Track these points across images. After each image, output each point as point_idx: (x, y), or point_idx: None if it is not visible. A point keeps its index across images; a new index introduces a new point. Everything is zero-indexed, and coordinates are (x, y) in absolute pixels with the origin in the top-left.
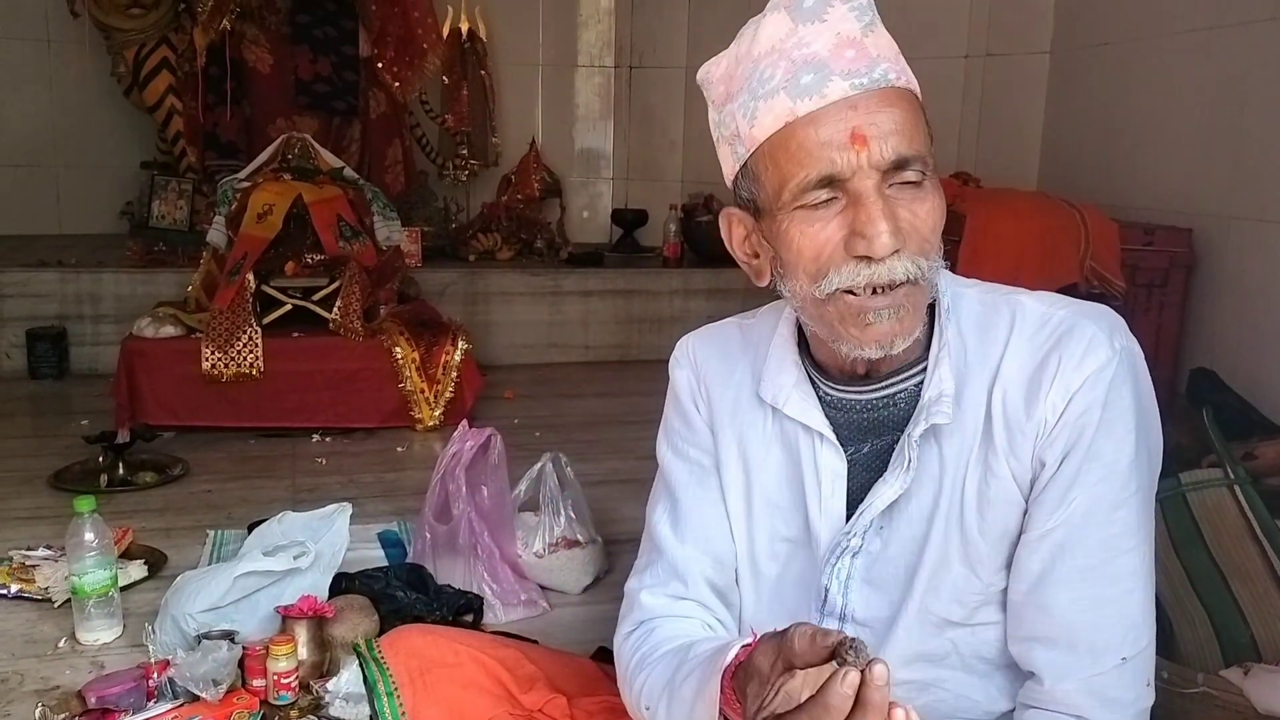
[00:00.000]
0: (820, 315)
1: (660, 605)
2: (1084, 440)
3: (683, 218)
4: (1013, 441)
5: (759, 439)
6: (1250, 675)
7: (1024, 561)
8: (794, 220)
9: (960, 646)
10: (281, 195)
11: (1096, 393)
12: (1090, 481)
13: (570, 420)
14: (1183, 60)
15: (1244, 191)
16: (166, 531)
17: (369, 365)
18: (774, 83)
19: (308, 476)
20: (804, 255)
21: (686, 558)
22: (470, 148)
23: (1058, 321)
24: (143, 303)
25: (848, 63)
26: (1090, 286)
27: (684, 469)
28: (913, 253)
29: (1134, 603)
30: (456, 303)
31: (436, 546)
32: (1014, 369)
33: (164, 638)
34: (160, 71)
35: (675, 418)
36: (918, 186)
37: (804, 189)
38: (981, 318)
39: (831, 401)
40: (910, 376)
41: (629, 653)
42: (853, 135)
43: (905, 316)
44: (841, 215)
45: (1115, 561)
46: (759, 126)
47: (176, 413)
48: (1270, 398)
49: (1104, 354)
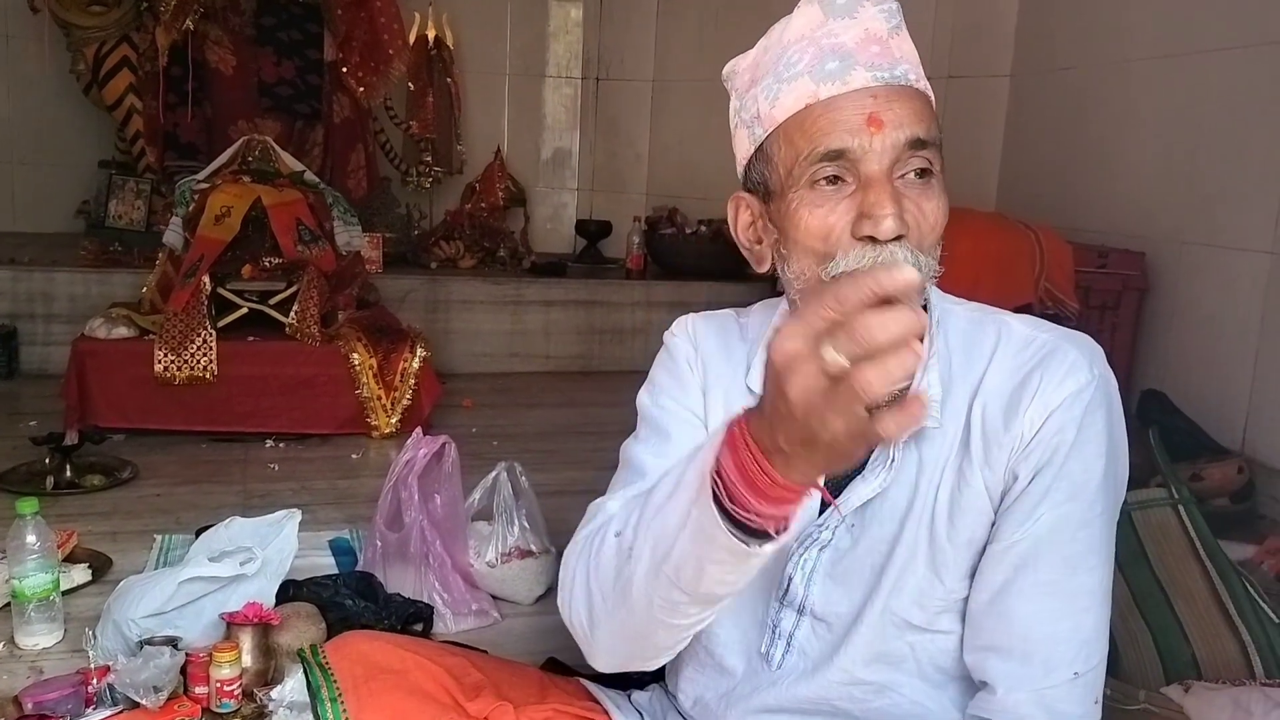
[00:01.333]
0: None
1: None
2: (1056, 458)
3: (646, 230)
4: (988, 453)
5: None
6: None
7: (987, 571)
8: (803, 200)
9: (918, 651)
10: (240, 197)
11: (1073, 413)
12: (1059, 499)
13: (529, 430)
14: (1140, 87)
15: (1197, 216)
16: (113, 535)
17: (325, 371)
18: (799, 67)
19: (260, 482)
20: (811, 234)
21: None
22: (434, 154)
23: (1041, 343)
24: (96, 303)
25: (872, 56)
26: (1044, 307)
27: (673, 418)
28: (914, 245)
29: (1090, 620)
30: (417, 310)
31: (387, 555)
32: (996, 383)
33: (105, 643)
34: (121, 70)
35: (667, 378)
36: (926, 183)
37: (814, 161)
38: (968, 333)
39: None
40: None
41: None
42: (870, 118)
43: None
44: (850, 199)
45: (1076, 578)
46: (779, 107)
47: (127, 415)
48: (1218, 420)
49: (1083, 377)
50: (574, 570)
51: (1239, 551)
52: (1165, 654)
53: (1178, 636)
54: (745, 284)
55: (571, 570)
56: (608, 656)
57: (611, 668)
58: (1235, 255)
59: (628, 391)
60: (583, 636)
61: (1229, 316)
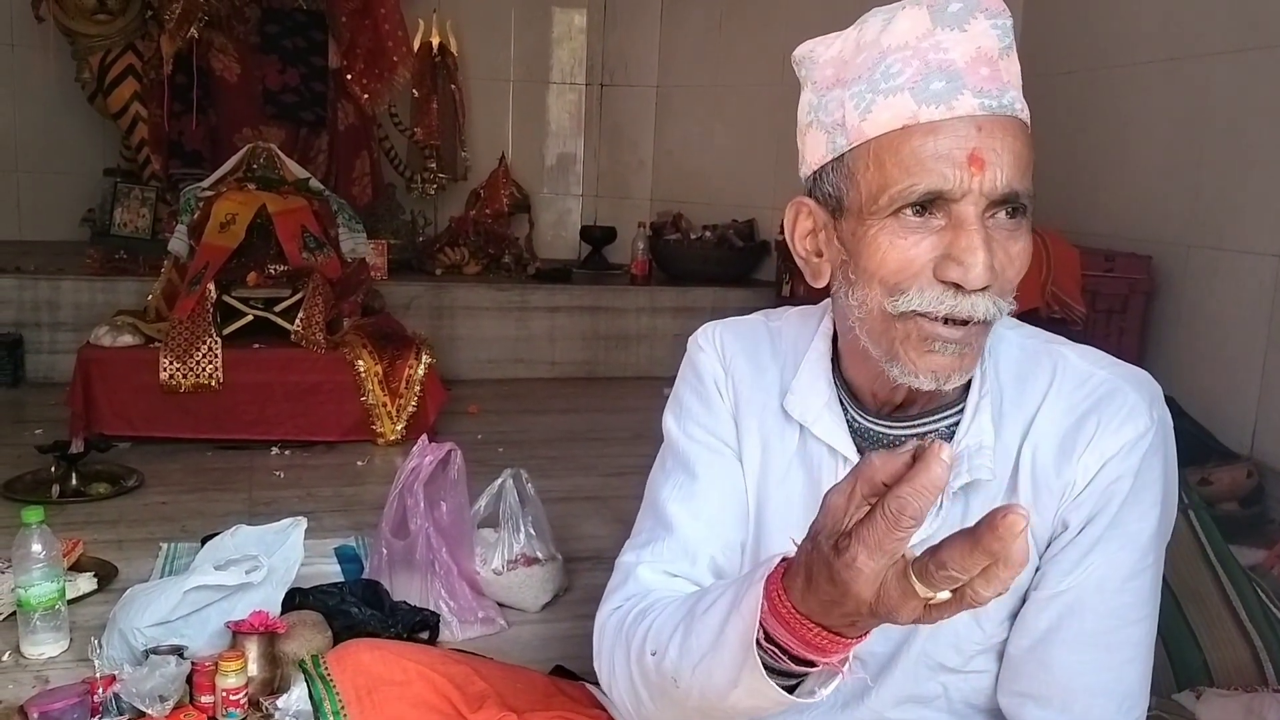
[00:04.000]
0: (884, 331)
1: (659, 581)
2: (1110, 508)
3: (651, 235)
4: (1037, 498)
5: (781, 454)
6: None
7: (1030, 617)
8: (885, 229)
9: (951, 691)
10: (245, 205)
11: (1130, 462)
12: (1110, 549)
13: (534, 436)
14: (1145, 90)
15: (1203, 220)
16: (119, 544)
17: (330, 378)
18: (900, 80)
19: (265, 490)
20: (887, 266)
21: (699, 537)
22: (439, 161)
23: (1098, 382)
24: (102, 311)
25: (981, 80)
26: (1051, 312)
27: (702, 449)
28: (995, 293)
29: (1133, 673)
30: (422, 316)
31: (393, 562)
32: (1048, 425)
33: (111, 652)
34: (125, 78)
35: (695, 400)
36: (1017, 223)
37: (906, 200)
38: (1021, 365)
39: (859, 429)
40: (945, 417)
41: (620, 617)
42: (971, 156)
43: (968, 355)
44: (938, 235)
45: (1122, 630)
46: (872, 122)
47: (133, 423)
48: (1226, 424)
49: (1142, 423)
50: (612, 657)
51: (1249, 556)
52: (1177, 661)
53: (1189, 643)
54: (750, 289)
55: (609, 655)
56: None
57: None
58: (1242, 258)
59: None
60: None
61: (1236, 320)
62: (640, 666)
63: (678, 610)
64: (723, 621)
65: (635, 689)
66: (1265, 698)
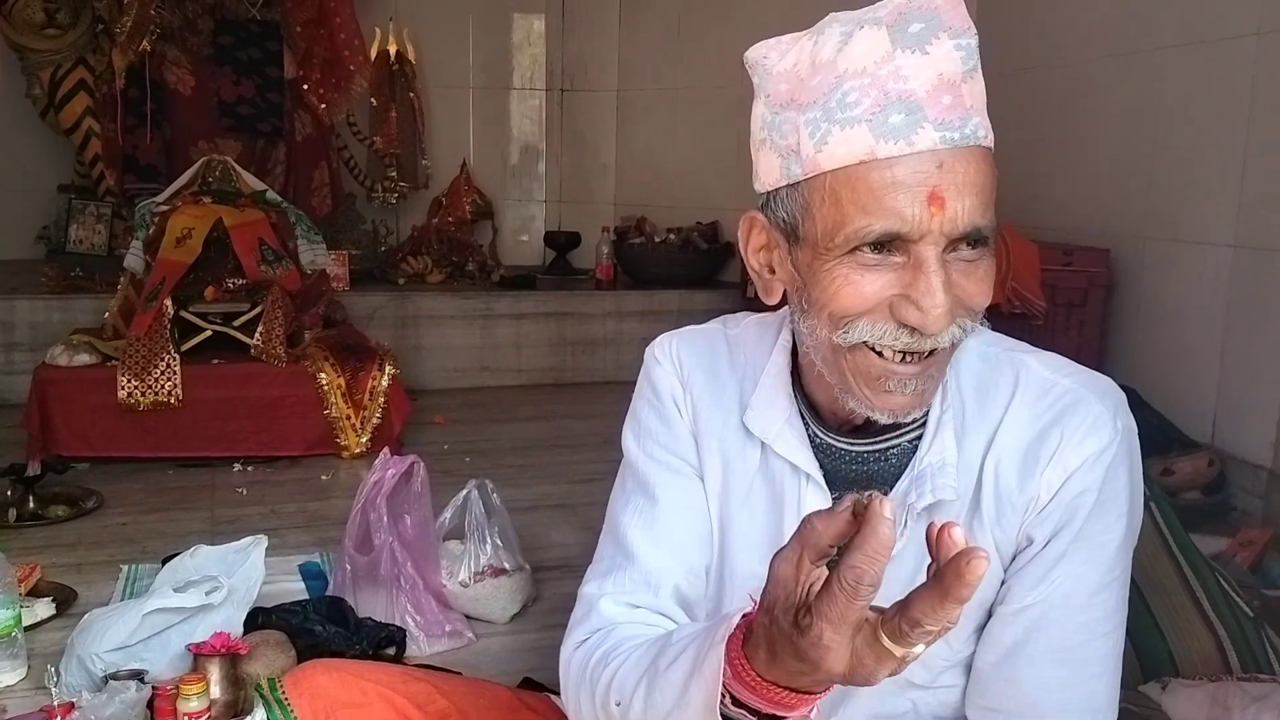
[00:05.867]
0: (835, 362)
1: (621, 614)
2: (1075, 522)
3: (615, 240)
4: (1001, 513)
5: (743, 472)
6: (1168, 691)
7: (996, 632)
8: (841, 264)
9: (920, 707)
10: (201, 219)
11: (1094, 475)
12: (1076, 563)
13: (501, 445)
14: (1098, 85)
15: (1158, 212)
16: (78, 567)
17: (292, 392)
18: (857, 110)
19: (228, 507)
20: (838, 302)
21: (660, 566)
22: (399, 170)
23: (1061, 391)
24: (58, 330)
25: (943, 110)
26: (1011, 307)
27: (661, 470)
28: (961, 317)
29: (1102, 687)
30: (386, 326)
31: (357, 578)
32: (1011, 438)
33: (69, 679)
34: (77, 93)
35: (653, 418)
36: (978, 255)
37: (863, 239)
38: (982, 376)
39: (820, 445)
40: (907, 432)
41: (584, 655)
42: (931, 195)
43: (927, 388)
44: (896, 274)
45: (1090, 645)
46: (828, 154)
47: (91, 443)
48: (1186, 414)
49: (1106, 435)
50: (578, 697)
51: (1212, 545)
52: (1142, 652)
53: (1154, 634)
54: (715, 291)
55: (575, 695)
56: None
57: None
58: (1198, 249)
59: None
60: None
61: (1194, 310)
62: (605, 713)
63: (641, 660)
64: (685, 680)
65: None
66: (1229, 686)
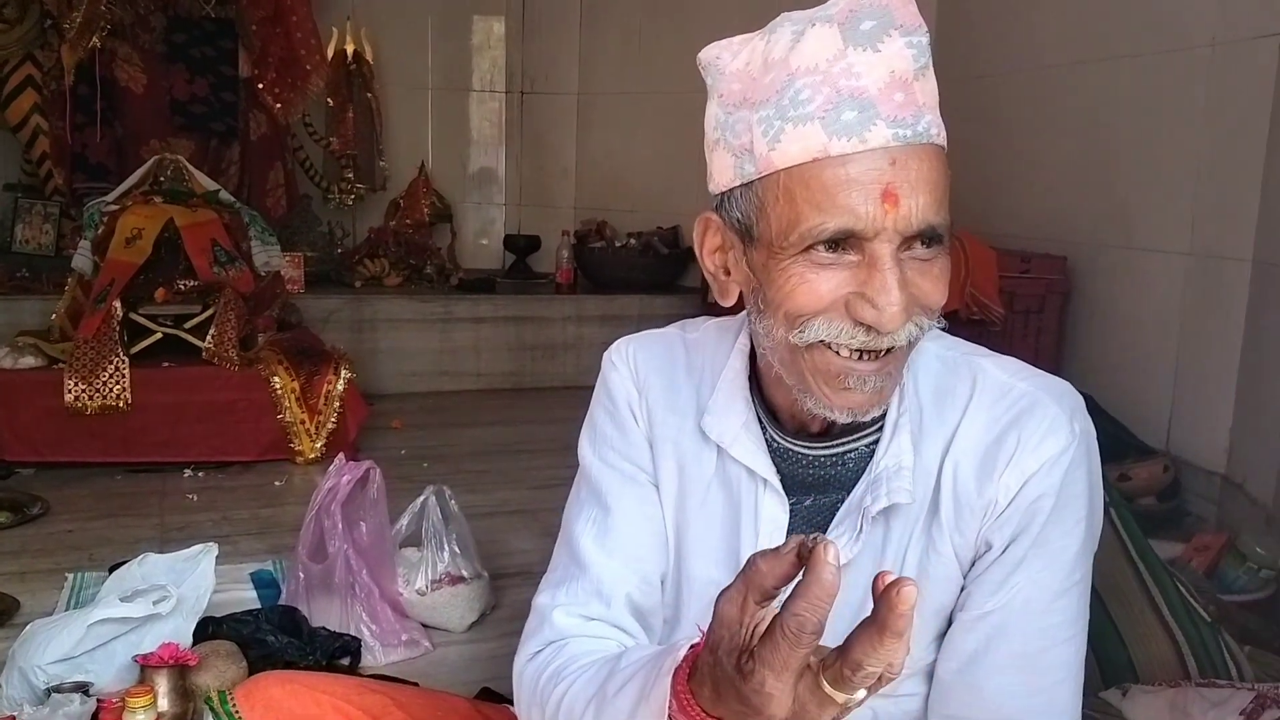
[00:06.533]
0: (793, 362)
1: (574, 625)
2: (1034, 526)
3: (575, 244)
4: (959, 518)
5: (699, 477)
6: (1128, 697)
7: (957, 640)
8: (796, 263)
9: (881, 716)
10: (152, 219)
11: (1052, 479)
12: (1035, 568)
13: (460, 450)
14: (1055, 93)
15: (1115, 220)
16: (21, 575)
17: (245, 396)
18: (810, 108)
19: (178, 514)
20: (794, 301)
21: (612, 576)
22: (356, 171)
23: (1018, 395)
24: (3, 331)
25: (895, 108)
26: (970, 313)
27: (615, 477)
28: (917, 316)
29: (1064, 693)
30: (342, 330)
31: (311, 587)
32: (969, 442)
33: (10, 692)
34: (24, 89)
35: (609, 425)
36: (934, 254)
37: (817, 238)
38: (940, 379)
39: (778, 449)
40: (864, 436)
41: (535, 670)
42: (885, 192)
43: (886, 386)
44: (851, 272)
45: (1052, 651)
46: (781, 153)
47: (37, 448)
48: (1142, 420)
49: (1063, 438)
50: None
51: (1168, 550)
52: (1103, 658)
53: (1114, 640)
54: (676, 295)
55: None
56: None
57: None
58: (1153, 257)
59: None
60: None
61: (1149, 317)
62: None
63: (590, 683)
64: (632, 709)
65: None
66: (1189, 692)
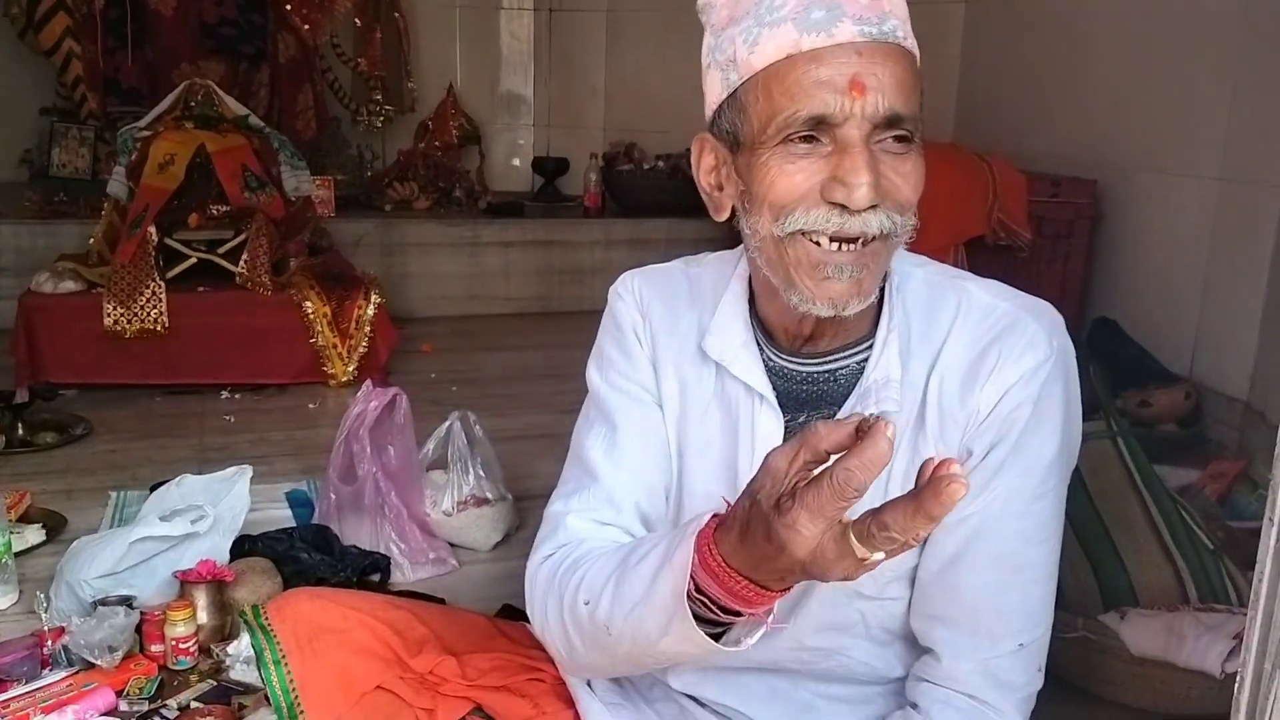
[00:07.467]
0: (778, 257)
1: (587, 529)
2: (1012, 434)
3: (604, 167)
4: (943, 428)
5: (700, 394)
6: (1126, 620)
7: (939, 543)
8: (774, 156)
9: (868, 618)
10: (183, 144)
11: (1030, 390)
12: (1012, 474)
13: (489, 374)
14: (1093, 13)
15: (1149, 144)
16: (68, 494)
17: (279, 320)
18: (783, 11)
19: (216, 435)
20: (775, 191)
21: (623, 485)
22: (384, 92)
23: (1001, 314)
24: (44, 255)
25: (861, 9)
26: (997, 238)
27: (622, 399)
28: (890, 209)
29: (1037, 593)
30: (372, 254)
31: (342, 507)
32: (954, 356)
33: (59, 605)
34: (57, 13)
35: (615, 350)
36: (905, 150)
37: (791, 126)
38: (927, 300)
39: (774, 368)
40: (856, 353)
41: (551, 567)
42: (852, 81)
43: (865, 278)
44: (825, 160)
45: (1026, 552)
46: (758, 54)
47: (79, 370)
48: (1167, 347)
49: (1042, 352)
50: (544, 605)
51: (1183, 476)
52: (1104, 584)
53: (1116, 566)
54: (705, 220)
55: (541, 604)
56: (589, 674)
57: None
58: (1184, 181)
59: (588, 333)
60: (561, 660)
61: (1178, 243)
62: (573, 615)
63: (610, 561)
64: (654, 573)
65: (568, 636)
66: (1185, 616)
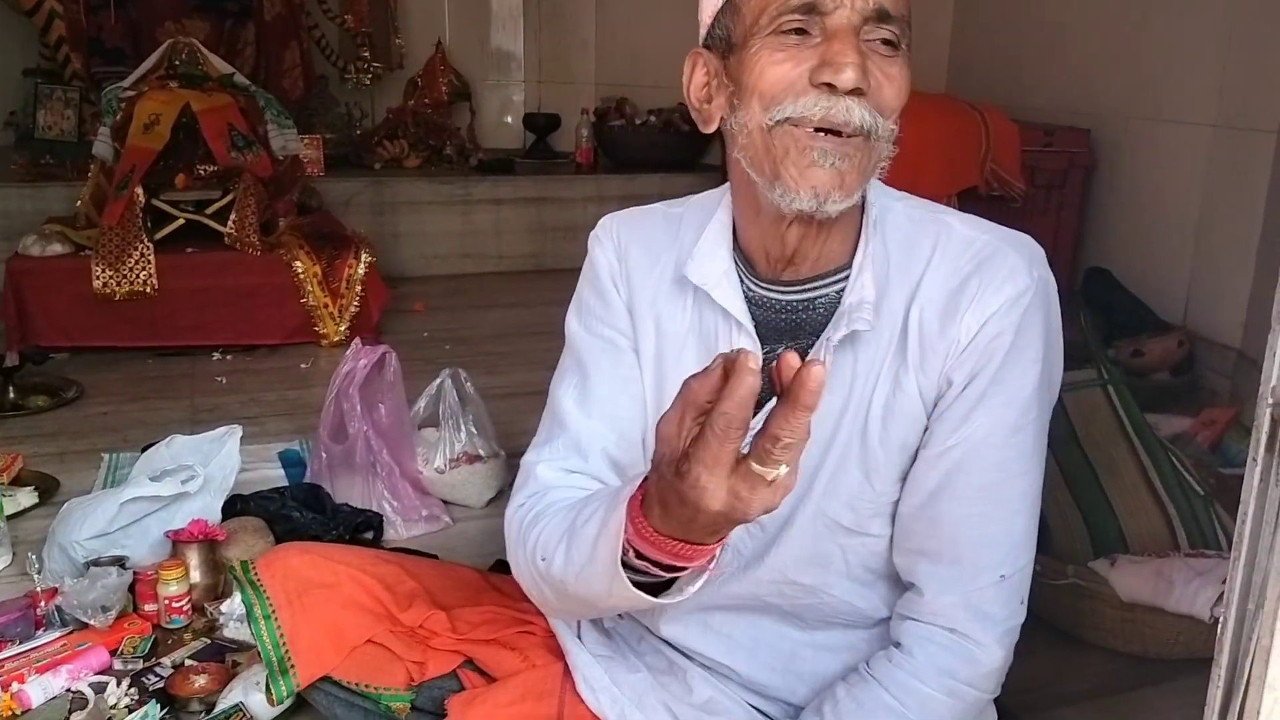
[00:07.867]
0: (765, 150)
1: (556, 478)
2: (992, 365)
3: (595, 122)
4: (924, 358)
5: (676, 328)
6: (1116, 567)
7: (920, 476)
8: (765, 46)
9: (848, 554)
10: (168, 104)
11: (1010, 319)
12: (993, 405)
13: (481, 332)
14: None
15: (1141, 91)
16: (60, 456)
17: (268, 280)
18: None
19: (207, 396)
20: (765, 80)
21: (591, 432)
22: (372, 49)
23: (981, 245)
24: (31, 218)
25: None
26: (990, 189)
27: (597, 345)
28: (872, 106)
29: (1019, 524)
30: (363, 213)
31: (333, 466)
32: (933, 287)
33: (52, 565)
34: None
35: (591, 295)
36: (893, 52)
37: (783, 11)
38: (908, 232)
39: (754, 299)
40: (834, 282)
41: (520, 518)
42: None
43: (848, 171)
44: (814, 50)
45: (1007, 483)
46: None
47: (69, 333)
48: (1161, 295)
49: (1022, 282)
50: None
51: (1176, 424)
52: (1094, 531)
53: (1106, 514)
54: (697, 174)
55: (514, 553)
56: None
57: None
58: (1178, 129)
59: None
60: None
61: (1172, 191)
62: (535, 569)
63: (563, 520)
64: (595, 539)
65: (539, 585)
66: (1174, 562)
